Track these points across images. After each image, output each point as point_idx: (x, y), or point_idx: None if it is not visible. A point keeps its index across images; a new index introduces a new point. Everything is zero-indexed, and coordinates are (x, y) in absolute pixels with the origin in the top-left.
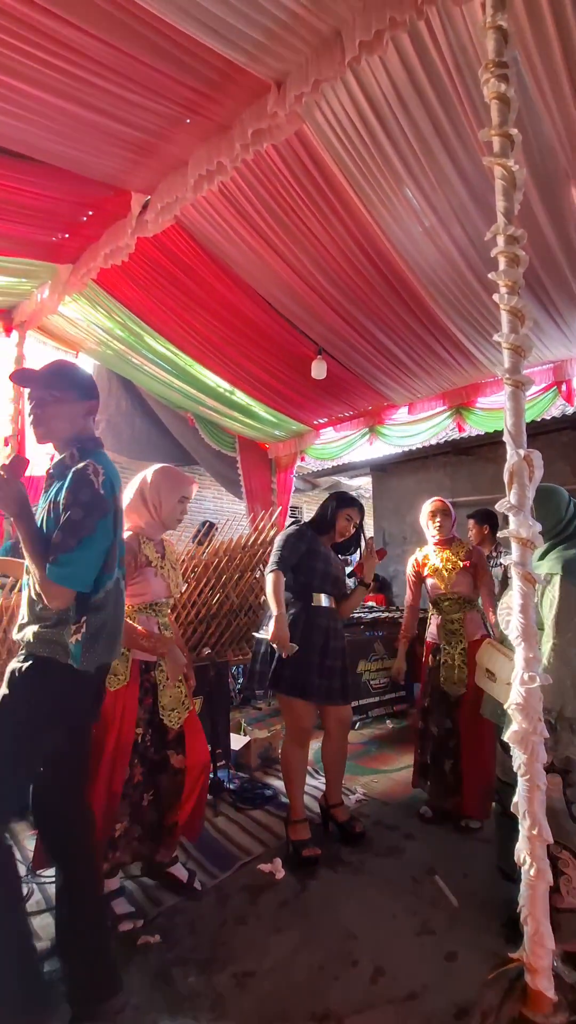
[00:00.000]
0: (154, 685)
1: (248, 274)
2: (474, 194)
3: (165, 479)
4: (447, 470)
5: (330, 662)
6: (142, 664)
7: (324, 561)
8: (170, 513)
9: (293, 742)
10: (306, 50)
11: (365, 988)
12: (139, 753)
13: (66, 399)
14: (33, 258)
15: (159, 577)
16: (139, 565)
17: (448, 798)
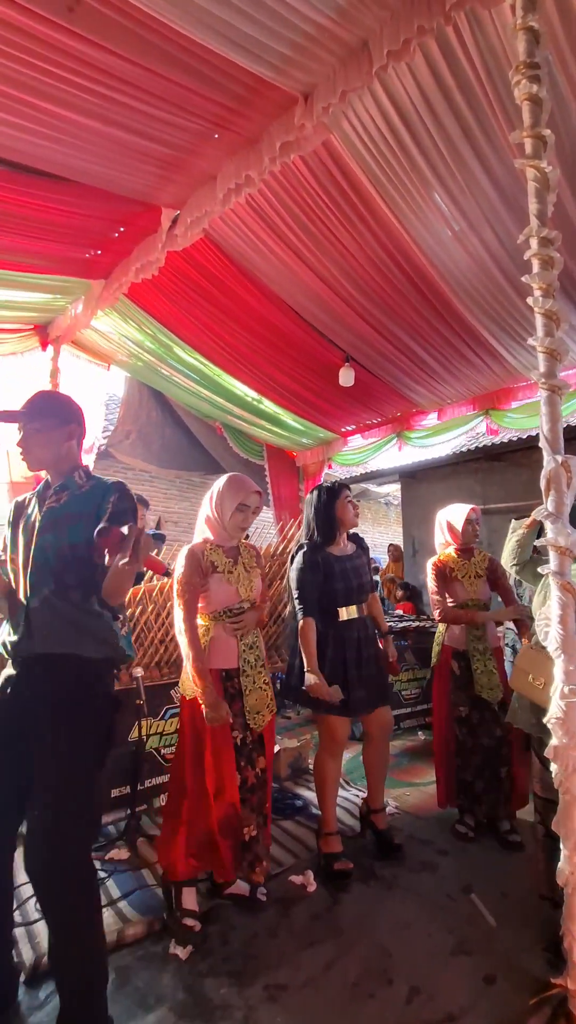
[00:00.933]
0: (239, 691)
1: (276, 284)
2: (505, 197)
3: (228, 487)
4: (478, 476)
5: (366, 672)
6: (222, 672)
7: (343, 578)
8: (231, 521)
9: (327, 753)
10: (333, 61)
11: (401, 1008)
12: (244, 756)
13: (46, 427)
14: (67, 275)
15: (227, 583)
16: (204, 573)
17: (505, 806)
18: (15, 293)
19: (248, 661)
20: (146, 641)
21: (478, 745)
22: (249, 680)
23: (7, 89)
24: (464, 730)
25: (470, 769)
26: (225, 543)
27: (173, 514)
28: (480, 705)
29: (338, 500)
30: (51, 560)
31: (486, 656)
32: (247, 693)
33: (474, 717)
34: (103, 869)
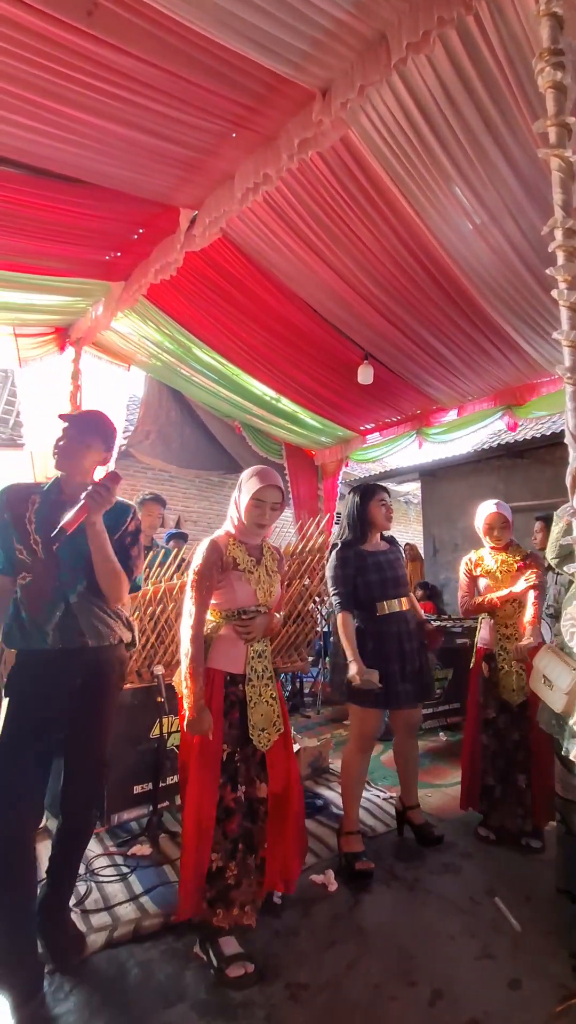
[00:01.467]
0: (241, 700)
1: (294, 282)
2: (527, 188)
3: (248, 478)
4: (500, 474)
5: (410, 666)
6: (227, 676)
7: (377, 570)
8: (248, 516)
9: (357, 748)
10: (351, 56)
11: (424, 1011)
12: (228, 774)
13: (92, 447)
14: (88, 277)
15: (246, 583)
16: (224, 568)
17: (526, 818)
18: (37, 296)
19: (255, 670)
20: (167, 639)
21: (503, 749)
22: (255, 691)
23: (27, 94)
24: (490, 733)
25: (493, 773)
26: (247, 539)
27: (192, 513)
28: (507, 708)
29: (371, 501)
30: (81, 561)
31: (512, 657)
32: (252, 705)
33: (500, 720)
34: (126, 864)
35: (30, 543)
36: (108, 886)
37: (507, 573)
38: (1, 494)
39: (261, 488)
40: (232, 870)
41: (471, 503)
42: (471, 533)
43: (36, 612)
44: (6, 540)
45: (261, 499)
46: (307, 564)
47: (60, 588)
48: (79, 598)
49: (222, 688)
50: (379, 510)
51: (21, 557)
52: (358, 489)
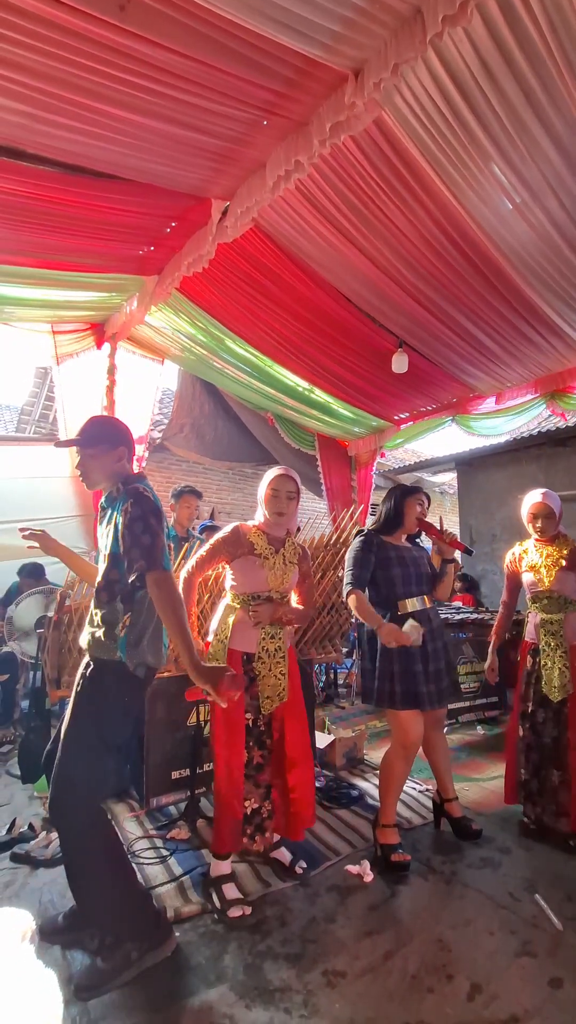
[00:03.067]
0: (256, 676)
1: (327, 270)
2: (570, 162)
3: (266, 475)
4: (541, 463)
5: (433, 666)
6: (243, 655)
7: (401, 564)
8: (268, 508)
9: (399, 757)
10: (384, 34)
11: (462, 1005)
12: (254, 737)
13: (99, 453)
14: (122, 272)
15: (259, 568)
16: (238, 551)
17: (559, 817)
18: (73, 293)
19: (267, 650)
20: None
21: (538, 744)
22: (265, 667)
23: (62, 92)
24: (526, 726)
25: (527, 767)
26: (271, 531)
27: (226, 505)
28: (547, 703)
29: (408, 499)
30: (98, 575)
31: (557, 652)
32: (261, 678)
33: (539, 715)
34: (166, 847)
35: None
36: (148, 868)
37: (553, 567)
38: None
39: (276, 477)
40: (267, 807)
41: (510, 493)
42: (510, 523)
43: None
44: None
45: (277, 488)
46: (341, 555)
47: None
48: (94, 607)
49: (241, 666)
50: (413, 509)
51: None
52: (401, 487)
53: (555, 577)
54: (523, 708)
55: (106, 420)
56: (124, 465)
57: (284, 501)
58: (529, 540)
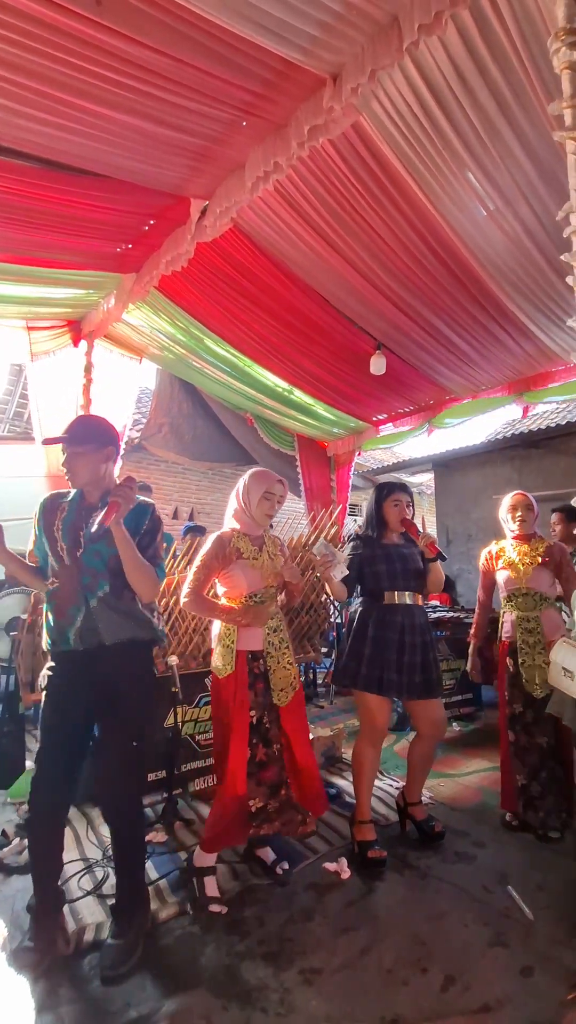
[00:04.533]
0: (263, 672)
1: (306, 272)
2: (543, 172)
3: (253, 480)
4: (515, 464)
5: (408, 658)
6: (248, 654)
7: (388, 561)
8: (258, 510)
9: (366, 741)
10: (362, 39)
11: (436, 996)
12: (259, 734)
13: (87, 452)
14: (99, 269)
15: (252, 568)
16: (228, 559)
17: (553, 813)
18: (49, 290)
19: (272, 643)
20: (180, 631)
21: (534, 744)
22: (274, 660)
23: (37, 85)
24: (517, 728)
25: (525, 771)
26: (252, 532)
27: (206, 505)
28: (534, 702)
29: (384, 501)
30: (103, 566)
31: (536, 650)
32: (272, 672)
33: (528, 715)
34: None
35: (57, 550)
36: None
37: (530, 564)
38: (40, 504)
39: (273, 483)
40: (273, 804)
41: (485, 494)
42: (485, 523)
43: (61, 616)
44: (41, 546)
45: (272, 492)
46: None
47: (82, 592)
48: (99, 602)
49: (246, 664)
50: (391, 511)
51: (51, 563)
52: (378, 488)
53: (531, 574)
54: (510, 711)
55: (96, 419)
56: (110, 467)
57: (275, 505)
58: (505, 540)
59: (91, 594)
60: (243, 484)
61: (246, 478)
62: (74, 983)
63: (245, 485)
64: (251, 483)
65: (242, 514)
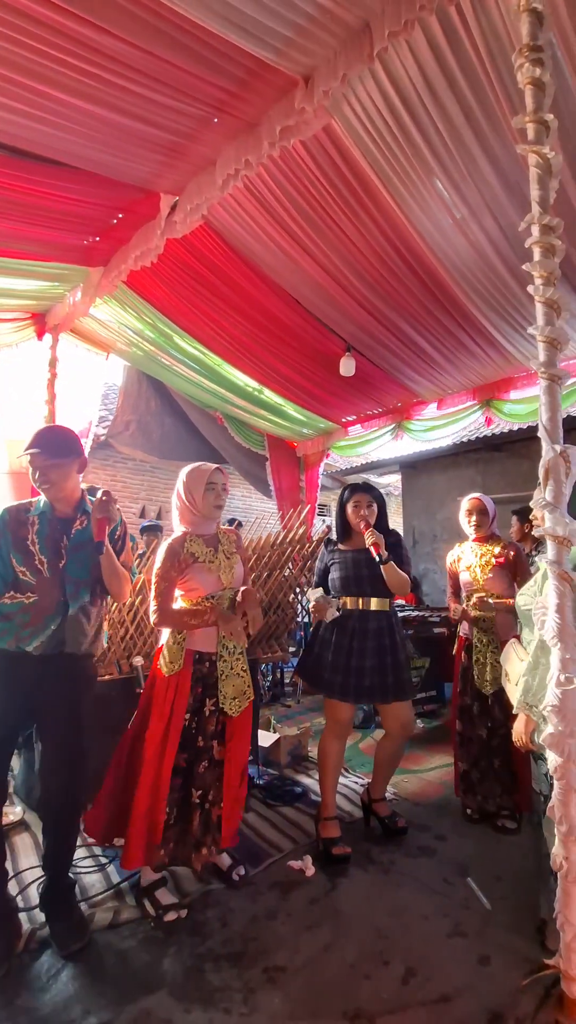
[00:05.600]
0: (205, 675)
1: (276, 272)
2: (507, 183)
3: (190, 477)
4: (479, 466)
5: (357, 662)
6: (195, 654)
7: (343, 568)
8: (205, 503)
9: (330, 735)
10: (334, 43)
11: (397, 988)
12: (184, 739)
13: (65, 464)
14: (65, 262)
15: (208, 571)
16: (183, 565)
17: (505, 797)
18: (13, 281)
19: (226, 647)
20: (146, 630)
21: (476, 735)
22: (227, 666)
23: (5, 72)
24: (464, 720)
25: (465, 758)
26: (204, 531)
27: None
28: (481, 696)
29: (346, 504)
30: (86, 575)
31: (488, 648)
32: (223, 678)
33: (475, 708)
34: (104, 855)
35: (35, 564)
36: (86, 877)
37: (486, 566)
38: (1, 516)
39: (211, 473)
40: (174, 815)
41: (450, 495)
42: (450, 524)
43: (33, 624)
44: (6, 560)
45: (213, 482)
46: (287, 555)
47: (64, 603)
48: (79, 610)
49: (191, 664)
50: (354, 511)
51: (24, 578)
52: (343, 490)
53: (488, 575)
54: (460, 703)
55: (66, 430)
56: (79, 476)
57: (221, 493)
58: (467, 542)
59: (73, 603)
60: (182, 484)
61: (183, 477)
62: (31, 992)
63: (184, 484)
64: (189, 480)
65: (189, 512)
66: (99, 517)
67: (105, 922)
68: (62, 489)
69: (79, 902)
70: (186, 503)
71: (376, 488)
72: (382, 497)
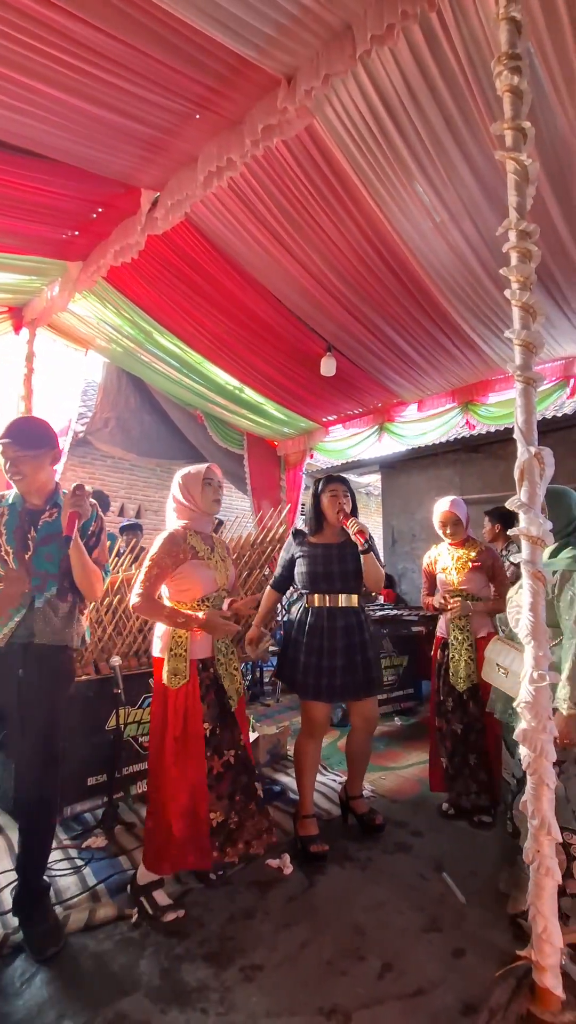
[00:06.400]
0: (215, 680)
1: (258, 271)
2: (486, 189)
3: (186, 476)
4: (456, 467)
5: (328, 662)
6: (199, 663)
7: (311, 563)
8: (204, 499)
9: (305, 735)
10: (316, 44)
11: (372, 984)
12: (212, 746)
13: (39, 456)
14: (43, 255)
15: (207, 568)
16: (182, 557)
17: (480, 794)
18: None
19: (220, 649)
20: (124, 630)
21: (451, 731)
22: (223, 667)
23: None
24: (441, 716)
25: (443, 753)
26: (203, 529)
27: (153, 503)
28: (455, 693)
29: (322, 494)
30: (54, 568)
31: (463, 645)
32: (223, 679)
33: (449, 703)
34: (80, 857)
35: (0, 554)
36: (61, 880)
37: (462, 568)
38: None
39: (207, 469)
40: (233, 818)
41: (428, 495)
42: (428, 524)
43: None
44: None
45: (210, 478)
46: (267, 554)
47: (29, 594)
48: (45, 603)
49: (197, 675)
50: (330, 501)
51: None
52: (317, 481)
53: (464, 577)
54: (437, 699)
55: (40, 421)
56: (53, 468)
57: (217, 488)
58: (443, 543)
59: (39, 595)
60: (178, 485)
61: (179, 479)
62: (4, 997)
63: (182, 485)
64: (186, 479)
65: (189, 510)
66: (70, 511)
67: (80, 924)
68: (34, 481)
69: (54, 905)
70: (184, 501)
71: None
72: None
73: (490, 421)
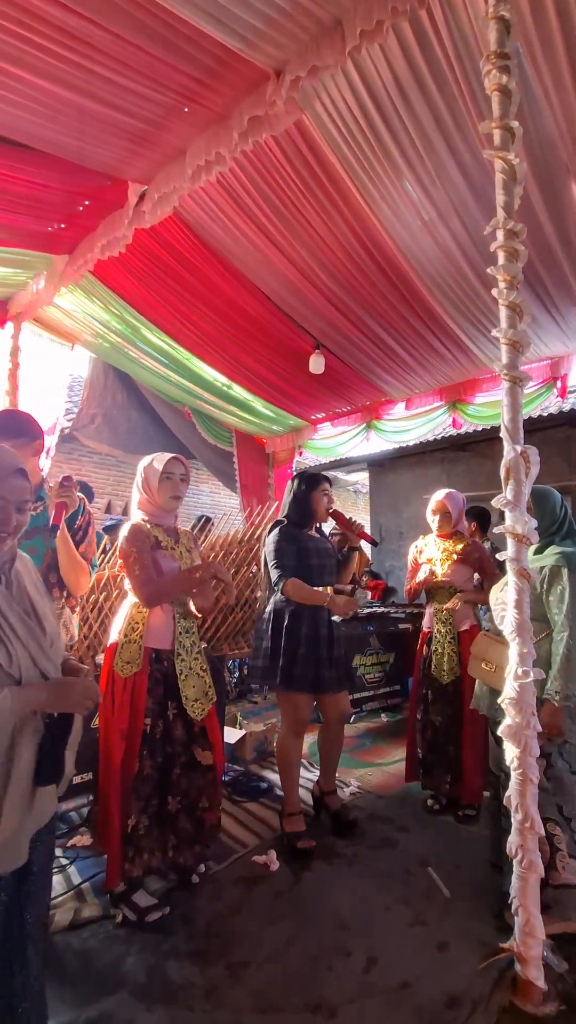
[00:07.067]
0: (166, 675)
1: (246, 267)
2: (474, 188)
3: (148, 466)
4: (444, 466)
5: (336, 652)
6: (152, 652)
7: (316, 555)
8: (161, 492)
9: (289, 733)
10: (306, 38)
11: (358, 978)
12: (148, 745)
13: (20, 446)
14: (28, 248)
15: (171, 558)
16: (151, 547)
17: (454, 784)
18: None
19: (184, 645)
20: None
21: (430, 722)
22: (185, 665)
23: None
24: (422, 708)
25: (422, 744)
26: (164, 522)
27: None
28: (436, 685)
29: (315, 492)
30: (38, 562)
31: (447, 639)
32: (183, 678)
33: (430, 696)
34: (65, 855)
35: None
36: None
37: (447, 560)
38: None
39: (168, 462)
40: (144, 823)
41: (415, 493)
42: (416, 522)
43: None
44: None
45: (170, 472)
46: (255, 551)
47: None
48: None
49: (148, 665)
50: (320, 501)
51: None
52: (304, 477)
53: (449, 570)
54: (420, 692)
55: (21, 413)
56: (38, 461)
57: (178, 484)
58: (430, 535)
59: None
60: (140, 474)
61: (142, 466)
62: None
63: (142, 474)
64: (147, 470)
65: (148, 503)
66: (57, 501)
67: (65, 923)
68: None
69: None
70: (144, 493)
71: None
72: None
73: (477, 420)
